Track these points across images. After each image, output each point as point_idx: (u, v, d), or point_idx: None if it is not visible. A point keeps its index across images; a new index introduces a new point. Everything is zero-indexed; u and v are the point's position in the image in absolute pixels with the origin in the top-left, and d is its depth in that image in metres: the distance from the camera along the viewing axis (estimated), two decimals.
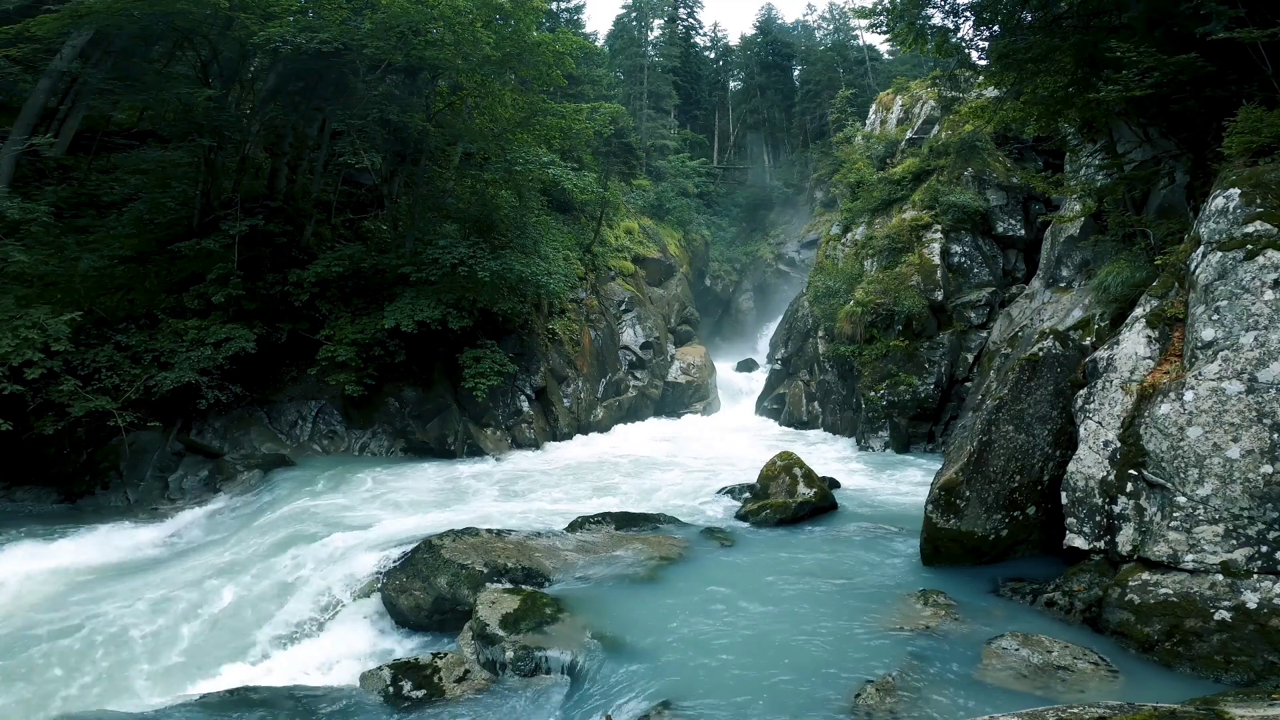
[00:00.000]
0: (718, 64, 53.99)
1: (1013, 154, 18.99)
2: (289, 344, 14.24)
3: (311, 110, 15.53)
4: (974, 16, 11.19)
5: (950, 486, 7.29)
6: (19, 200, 11.18)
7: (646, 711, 4.81)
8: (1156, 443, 5.99)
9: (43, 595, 7.92)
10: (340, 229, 16.69)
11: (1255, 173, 6.39)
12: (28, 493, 11.42)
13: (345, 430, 14.49)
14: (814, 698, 4.92)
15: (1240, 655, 5.09)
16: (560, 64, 16.66)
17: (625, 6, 46.09)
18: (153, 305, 12.99)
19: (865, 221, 20.59)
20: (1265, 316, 5.68)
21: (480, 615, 6.31)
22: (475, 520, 9.66)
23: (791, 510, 9.60)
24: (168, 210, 14.06)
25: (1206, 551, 5.55)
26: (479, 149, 17.18)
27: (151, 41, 14.09)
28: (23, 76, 12.69)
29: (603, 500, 11.50)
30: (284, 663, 6.56)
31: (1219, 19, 7.34)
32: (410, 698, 5.53)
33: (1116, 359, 6.76)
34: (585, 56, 26.62)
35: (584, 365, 20.15)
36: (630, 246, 26.82)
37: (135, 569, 8.87)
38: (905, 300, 16.89)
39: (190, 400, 12.52)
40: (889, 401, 16.28)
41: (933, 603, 6.38)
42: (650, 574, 7.41)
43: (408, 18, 13.54)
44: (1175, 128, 9.35)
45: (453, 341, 15.11)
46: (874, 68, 43.34)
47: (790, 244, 37.03)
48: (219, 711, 5.33)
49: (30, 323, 10.48)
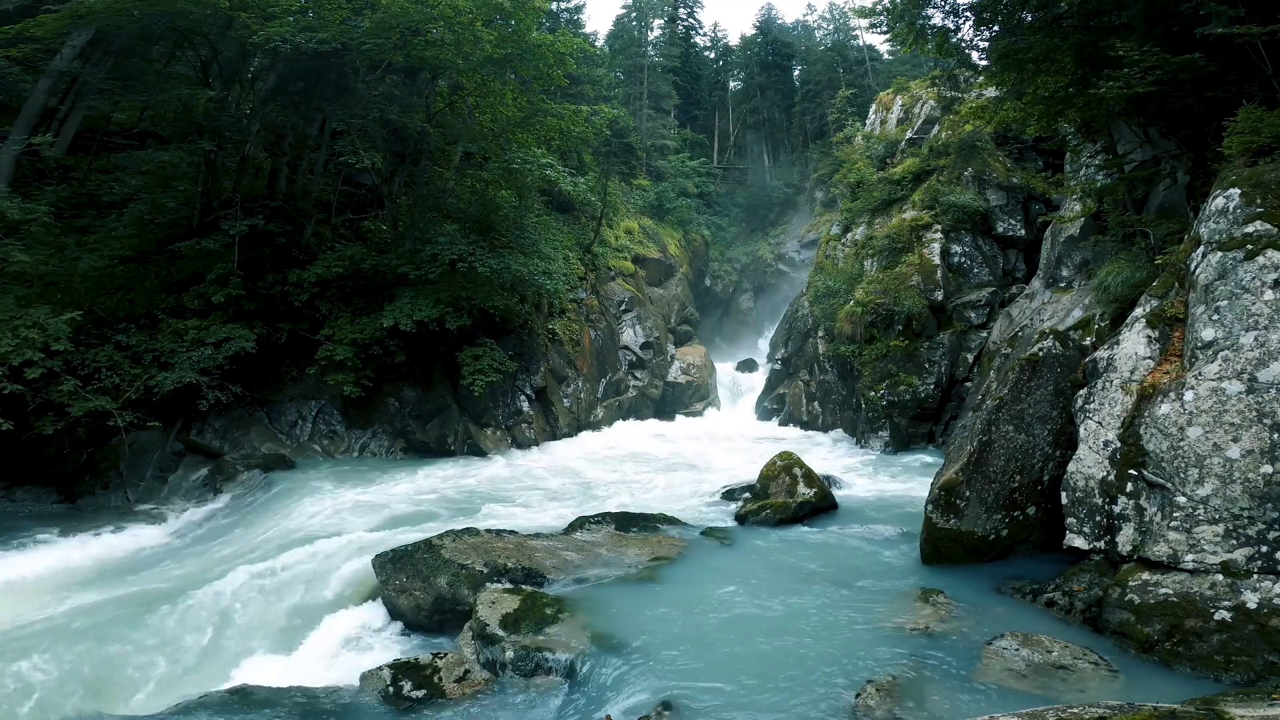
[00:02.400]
0: (718, 64, 53.94)
1: (1013, 154, 19.00)
2: (289, 344, 14.24)
3: (311, 110, 15.53)
4: (974, 17, 11.19)
5: (950, 486, 7.29)
6: (19, 200, 11.17)
7: (647, 711, 4.81)
8: (1156, 443, 5.98)
9: (42, 595, 7.91)
10: (340, 229, 16.69)
11: (1255, 173, 6.39)
12: (28, 493, 11.42)
13: (345, 430, 14.49)
14: (814, 698, 4.92)
15: (1240, 655, 5.08)
16: (561, 64, 16.66)
17: (625, 6, 46.09)
18: (153, 305, 12.98)
19: (865, 221, 20.59)
20: (1265, 316, 5.68)
21: (480, 615, 6.31)
22: (475, 520, 9.66)
23: (791, 510, 9.60)
24: (168, 210, 14.05)
25: (1206, 551, 5.55)
26: (479, 149, 17.19)
27: (151, 41, 14.08)
28: (23, 76, 12.70)
29: (603, 500, 11.50)
30: (284, 662, 6.55)
31: (1219, 18, 7.34)
32: (410, 698, 5.53)
33: (1116, 359, 6.76)
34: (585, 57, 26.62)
35: (584, 365, 20.15)
36: (630, 246, 26.82)
37: (135, 569, 8.87)
38: (905, 300, 16.89)
39: (190, 400, 12.52)
40: (889, 401, 16.28)
41: (933, 603, 6.38)
42: (650, 574, 7.41)
43: (408, 17, 13.53)
44: (1175, 127, 9.35)
45: (452, 341, 15.11)
46: (874, 68, 43.31)
47: (790, 244, 37.00)
48: (219, 711, 5.33)
49: (30, 322, 10.47)
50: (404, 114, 15.34)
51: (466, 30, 14.04)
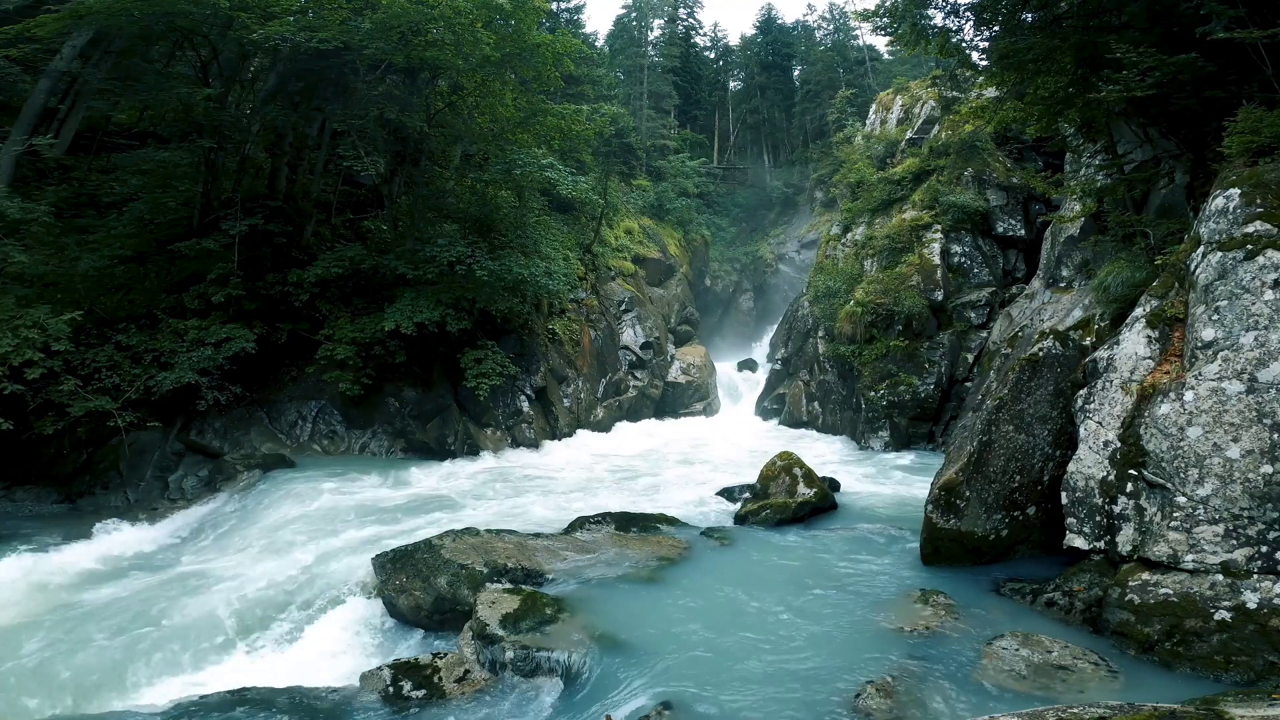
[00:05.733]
0: (718, 64, 53.96)
1: (1013, 154, 19.02)
2: (289, 344, 14.24)
3: (311, 110, 15.53)
4: (975, 17, 11.19)
5: (950, 486, 7.29)
6: (19, 200, 11.16)
7: (647, 712, 4.81)
8: (1156, 443, 5.98)
9: (42, 595, 7.91)
10: (340, 229, 16.69)
11: (1255, 173, 6.39)
12: (28, 493, 11.41)
13: (345, 430, 14.49)
14: (814, 698, 4.92)
15: (1240, 655, 5.08)
16: (560, 65, 16.66)
17: (625, 6, 46.08)
18: (153, 305, 12.98)
19: (865, 221, 20.61)
20: (1265, 316, 5.68)
21: (480, 615, 6.30)
22: (475, 520, 9.66)
23: (791, 510, 9.60)
24: (168, 210, 14.05)
25: (1206, 551, 5.55)
26: (479, 149, 17.18)
27: (151, 41, 14.07)
28: (23, 76, 12.70)
29: (602, 500, 11.49)
30: (284, 662, 6.55)
31: (1219, 19, 7.34)
32: (410, 698, 5.53)
33: (1116, 359, 6.76)
34: (585, 57, 26.62)
35: (584, 365, 20.15)
36: (630, 246, 26.81)
37: (135, 569, 8.87)
38: (905, 300, 16.90)
39: (190, 400, 12.52)
40: (889, 401, 16.28)
41: (933, 603, 6.38)
42: (650, 574, 7.41)
43: (408, 18, 13.53)
44: (1175, 128, 9.35)
45: (453, 342, 15.11)
46: (874, 68, 43.34)
47: (790, 244, 37.01)
48: (219, 711, 5.33)
49: (30, 322, 10.47)
50: (404, 114, 15.34)
51: (466, 31, 14.04)
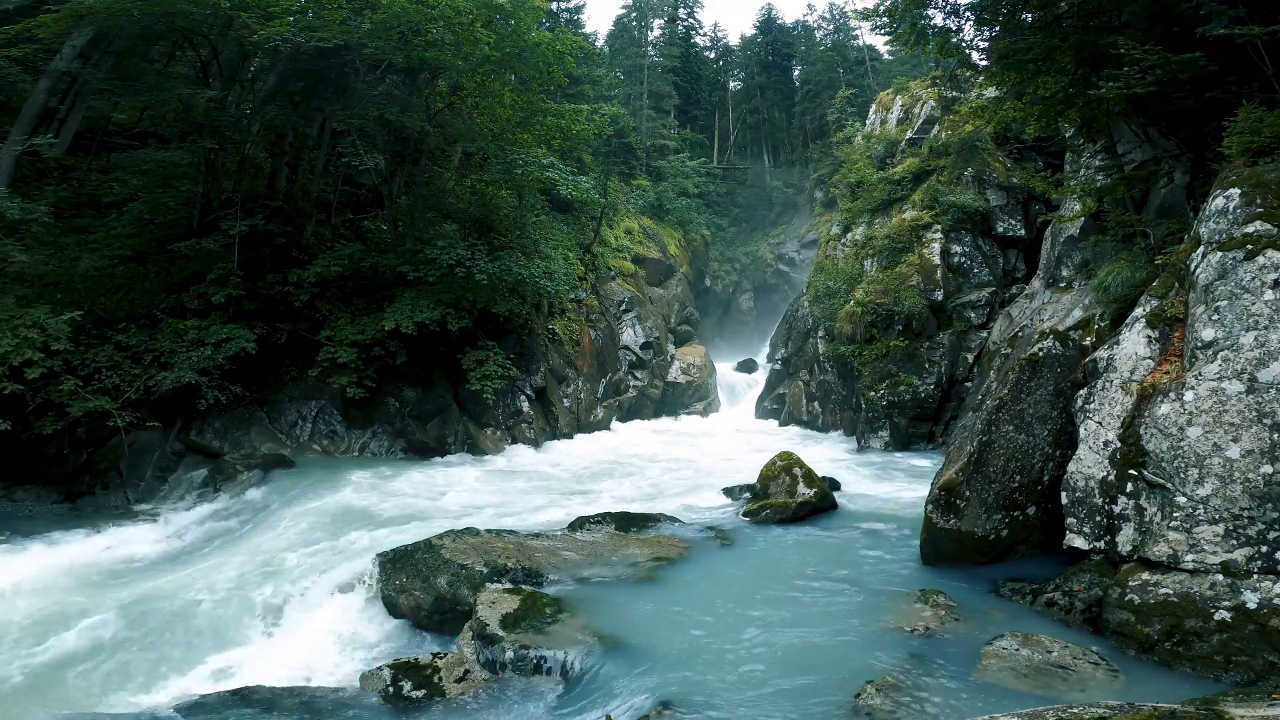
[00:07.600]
0: (718, 64, 53.96)
1: (1013, 154, 19.02)
2: (289, 344, 14.22)
3: (312, 110, 15.52)
4: (975, 17, 11.20)
5: (950, 486, 7.29)
6: (19, 200, 11.15)
7: (647, 712, 4.80)
8: (1156, 443, 5.98)
9: (42, 595, 7.91)
10: (340, 229, 16.69)
11: (1255, 173, 6.39)
12: (28, 493, 11.40)
13: (345, 430, 14.49)
14: (814, 698, 4.92)
15: (1240, 655, 5.08)
16: (560, 64, 16.66)
17: (625, 6, 46.09)
18: (153, 305, 12.97)
19: (865, 221, 20.61)
20: (1265, 316, 5.67)
21: (480, 615, 6.30)
22: (474, 520, 9.66)
23: (791, 510, 9.60)
24: (168, 210, 14.04)
25: (1206, 551, 5.55)
26: (479, 149, 17.18)
27: (151, 41, 14.06)
28: (23, 76, 12.68)
29: (602, 500, 11.50)
30: (284, 662, 6.54)
31: (1219, 18, 7.34)
32: (410, 698, 5.53)
33: (1116, 359, 6.75)
34: (585, 57, 26.62)
35: (584, 365, 20.15)
36: (630, 246, 26.82)
37: (135, 569, 8.87)
38: (905, 300, 16.90)
39: (190, 400, 12.52)
40: (889, 401, 16.28)
41: (933, 603, 6.38)
42: (650, 574, 7.41)
43: (408, 18, 13.53)
44: (1175, 127, 9.35)
45: (453, 342, 15.10)
46: (874, 68, 43.33)
47: (790, 244, 37.02)
48: (218, 711, 5.33)
49: (30, 322, 10.46)
50: (404, 114, 15.33)
51: (466, 30, 14.04)
